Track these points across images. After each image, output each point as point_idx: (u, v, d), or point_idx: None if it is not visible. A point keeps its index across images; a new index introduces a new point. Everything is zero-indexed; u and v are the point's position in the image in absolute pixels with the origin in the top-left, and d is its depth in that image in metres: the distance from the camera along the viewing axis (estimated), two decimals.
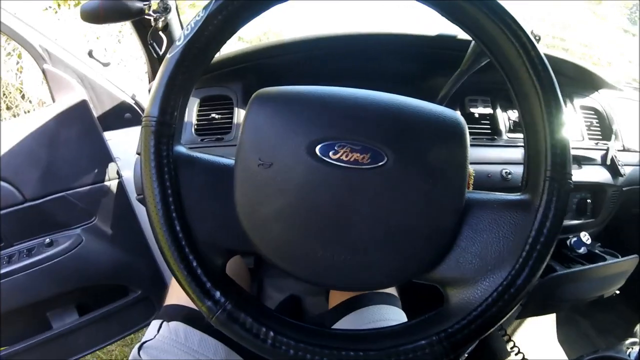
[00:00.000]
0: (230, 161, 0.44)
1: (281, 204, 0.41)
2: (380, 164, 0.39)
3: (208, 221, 0.42)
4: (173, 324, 0.58)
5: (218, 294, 0.40)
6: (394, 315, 0.62)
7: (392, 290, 0.69)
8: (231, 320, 0.40)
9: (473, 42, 0.60)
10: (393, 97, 0.42)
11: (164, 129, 0.40)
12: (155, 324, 0.59)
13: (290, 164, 0.40)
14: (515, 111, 0.86)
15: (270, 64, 0.84)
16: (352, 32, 0.79)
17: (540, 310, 0.90)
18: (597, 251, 0.84)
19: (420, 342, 0.40)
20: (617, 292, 0.91)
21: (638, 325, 0.98)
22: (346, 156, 0.39)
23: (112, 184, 1.05)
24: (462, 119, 0.42)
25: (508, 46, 0.40)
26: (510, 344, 0.81)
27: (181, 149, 0.43)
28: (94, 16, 0.65)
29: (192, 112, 0.81)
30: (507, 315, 0.40)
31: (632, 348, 0.94)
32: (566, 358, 1.08)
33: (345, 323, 0.62)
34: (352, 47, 0.80)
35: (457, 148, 0.41)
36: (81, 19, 0.64)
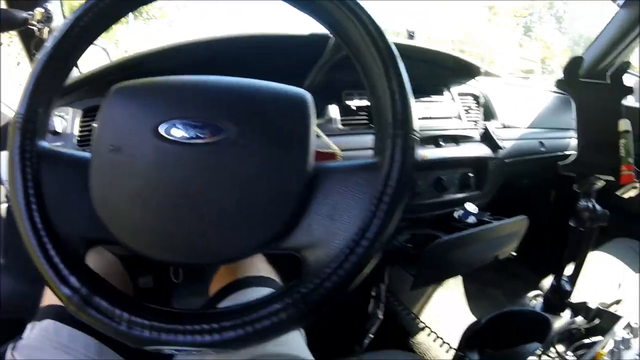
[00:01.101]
0: (88, 154, 0.44)
1: (132, 186, 0.42)
2: (221, 137, 0.41)
3: (67, 211, 0.42)
4: (44, 322, 0.58)
5: (73, 279, 0.40)
6: None
7: (269, 274, 0.70)
8: (86, 304, 0.39)
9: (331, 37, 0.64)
10: (240, 79, 0.44)
11: (28, 125, 0.41)
12: (29, 326, 0.59)
13: (137, 145, 0.41)
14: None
15: (150, 71, 0.83)
16: (232, 35, 0.82)
17: (432, 278, 0.94)
18: (486, 219, 0.90)
19: (275, 306, 0.40)
20: (514, 253, 0.97)
21: (541, 282, 1.06)
22: (188, 132, 0.41)
23: (2, 208, 0.98)
24: (306, 94, 0.44)
25: (349, 25, 0.43)
26: (417, 321, 0.83)
27: (45, 144, 0.43)
28: None
29: (74, 124, 0.80)
30: (365, 271, 0.41)
31: (537, 300, 1.02)
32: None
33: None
34: (231, 50, 0.84)
35: (299, 118, 0.43)
36: None
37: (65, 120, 0.80)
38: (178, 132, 0.41)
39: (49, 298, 0.63)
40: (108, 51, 1.01)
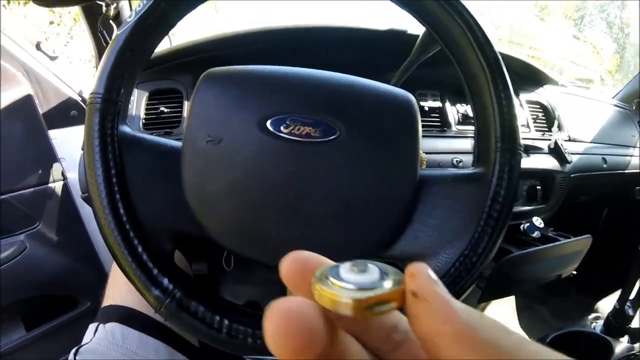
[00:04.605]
0: (177, 143, 0.42)
1: (231, 181, 0.39)
2: (332, 137, 0.39)
3: (154, 203, 0.40)
4: (109, 325, 0.53)
5: (166, 280, 0.37)
6: None
7: None
8: (181, 309, 0.37)
9: (422, 32, 0.61)
10: (344, 75, 0.42)
11: (109, 106, 0.38)
12: (91, 327, 0.54)
13: (240, 139, 0.39)
14: (464, 105, 0.89)
15: (221, 56, 0.82)
16: (306, 25, 0.80)
17: (500, 292, 0.92)
18: (550, 234, 0.87)
19: None
20: (574, 272, 0.94)
21: (598, 304, 1.02)
22: (298, 130, 0.39)
23: (57, 186, 0.98)
24: (412, 97, 0.42)
25: (457, 30, 0.41)
26: None
27: (127, 129, 0.40)
28: None
29: (140, 106, 0.79)
30: (470, 289, 0.40)
31: (597, 322, 0.98)
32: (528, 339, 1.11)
33: None
34: (306, 40, 0.81)
35: (409, 123, 0.41)
36: (32, 1, 0.62)
37: (130, 102, 0.80)
38: (287, 129, 0.39)
39: (112, 296, 0.58)
40: (170, 35, 1.00)
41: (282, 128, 0.39)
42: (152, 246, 0.38)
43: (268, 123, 0.39)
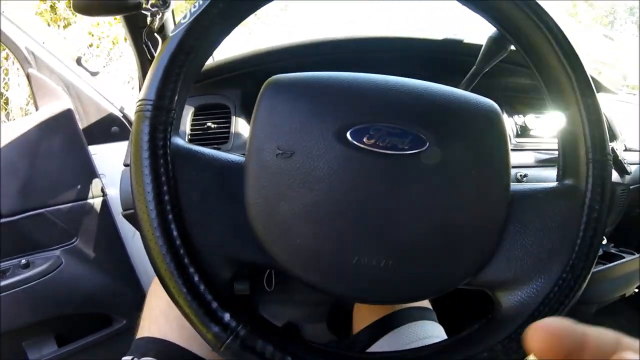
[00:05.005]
0: (239, 157, 0.37)
1: (305, 200, 0.34)
2: (421, 149, 0.34)
3: (213, 226, 0.35)
4: None
5: (227, 316, 0.32)
6: (435, 331, 0.55)
7: (425, 303, 0.60)
8: (246, 349, 0.32)
9: (487, 39, 0.58)
10: (424, 82, 0.38)
11: (161, 115, 0.34)
12: None
13: (315, 151, 0.34)
14: (521, 116, 0.85)
15: (272, 69, 0.79)
16: (360, 36, 0.77)
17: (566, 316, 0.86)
18: (612, 251, 0.82)
19: (482, 354, 0.35)
20: (637, 290, 0.88)
21: None
22: (383, 141, 0.34)
23: (96, 202, 0.97)
24: (496, 105, 0.38)
25: (535, 33, 0.38)
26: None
27: (180, 141, 0.36)
28: (86, 7, 0.60)
29: (185, 121, 0.76)
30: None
31: None
32: None
33: (382, 346, 0.53)
34: (359, 51, 0.78)
35: (499, 134, 0.37)
36: (74, 10, 0.60)
37: None
38: (370, 140, 0.34)
39: (147, 328, 0.53)
40: None
41: (364, 139, 0.34)
42: (210, 275, 0.34)
43: (348, 134, 0.34)
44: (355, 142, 0.34)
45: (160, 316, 0.52)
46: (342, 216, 0.34)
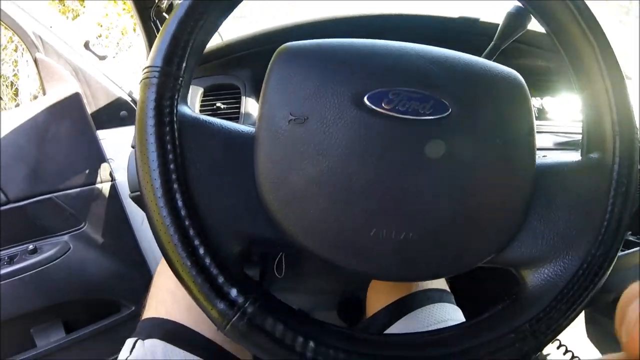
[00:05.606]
0: (248, 128, 0.35)
1: (320, 169, 0.32)
2: (444, 114, 0.32)
3: (221, 198, 0.33)
4: (149, 342, 0.46)
5: (235, 291, 0.30)
6: (454, 314, 0.53)
7: (443, 286, 0.58)
8: (254, 328, 0.30)
9: (506, 13, 0.56)
10: (443, 49, 0.36)
11: (168, 81, 0.32)
12: (128, 343, 0.47)
13: (331, 117, 0.32)
14: (539, 99, 0.83)
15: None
16: (373, 13, 0.75)
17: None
18: (631, 238, 0.79)
19: (509, 335, 0.33)
20: None
21: None
22: (403, 105, 0.32)
23: (104, 187, 0.96)
24: (521, 77, 0.37)
25: (557, 4, 0.36)
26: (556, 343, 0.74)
27: (188, 110, 0.34)
28: None
29: (194, 102, 0.74)
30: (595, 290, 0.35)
31: None
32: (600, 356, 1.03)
33: (399, 328, 0.51)
34: (373, 28, 0.76)
35: (524, 103, 0.35)
36: None
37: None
38: (390, 104, 0.32)
39: (153, 307, 0.51)
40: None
41: (383, 104, 0.32)
42: (217, 248, 0.32)
43: (365, 98, 0.32)
44: (373, 107, 0.32)
45: (168, 296, 0.50)
46: (359, 185, 0.32)
